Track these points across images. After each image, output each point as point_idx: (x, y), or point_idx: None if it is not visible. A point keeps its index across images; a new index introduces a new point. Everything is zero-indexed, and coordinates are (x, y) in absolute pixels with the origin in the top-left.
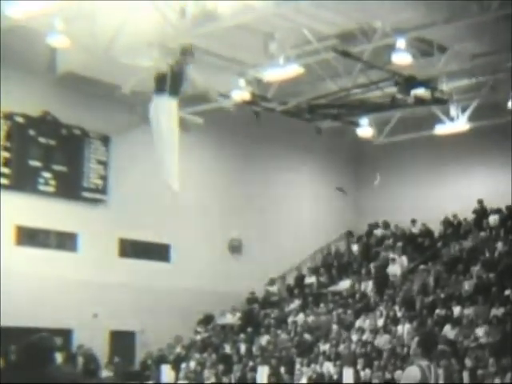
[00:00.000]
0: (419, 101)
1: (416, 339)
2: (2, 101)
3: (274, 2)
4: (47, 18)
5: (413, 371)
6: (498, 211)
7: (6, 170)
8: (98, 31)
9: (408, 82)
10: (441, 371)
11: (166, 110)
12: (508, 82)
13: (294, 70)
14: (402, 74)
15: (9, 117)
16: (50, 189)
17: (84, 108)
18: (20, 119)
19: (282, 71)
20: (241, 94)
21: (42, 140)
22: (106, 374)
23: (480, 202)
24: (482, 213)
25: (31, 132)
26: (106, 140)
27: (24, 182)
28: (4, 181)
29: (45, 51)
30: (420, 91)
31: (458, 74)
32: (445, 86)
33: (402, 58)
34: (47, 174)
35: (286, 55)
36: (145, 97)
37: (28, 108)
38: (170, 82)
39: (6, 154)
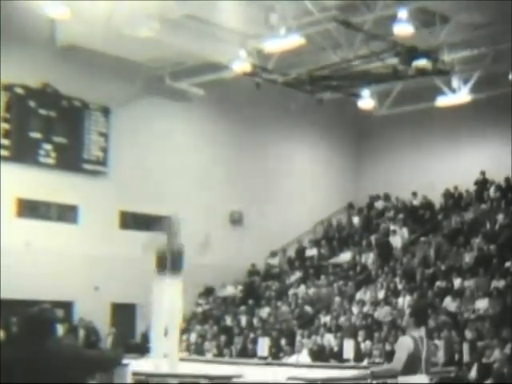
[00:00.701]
0: (421, 72)
1: (408, 310)
2: (1, 72)
3: None
4: None
5: (406, 341)
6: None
7: (5, 142)
8: (97, 2)
9: (409, 52)
10: (441, 342)
11: (169, 290)
12: (510, 54)
13: (295, 40)
14: (403, 44)
15: (9, 88)
16: (51, 161)
17: (84, 79)
18: (20, 90)
19: (282, 42)
20: (241, 65)
21: (42, 111)
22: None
23: (483, 173)
24: (483, 184)
25: (31, 103)
26: (106, 112)
27: (24, 153)
28: (4, 152)
29: (45, 22)
30: (422, 62)
31: (459, 45)
32: (446, 57)
33: (403, 28)
34: (47, 146)
35: (287, 26)
36: (145, 68)
37: (28, 79)
38: (170, 262)
39: (5, 126)
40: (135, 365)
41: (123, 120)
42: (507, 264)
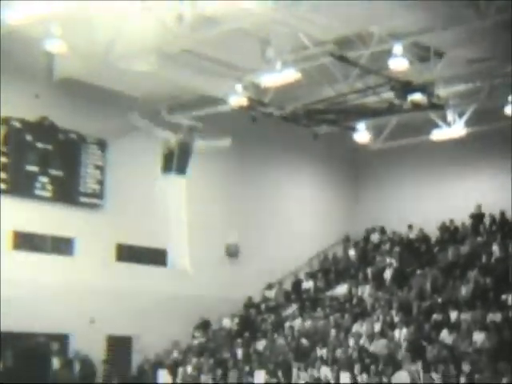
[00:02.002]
0: (416, 106)
1: (405, 344)
2: None
3: (271, 7)
4: (45, 23)
5: (402, 376)
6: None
7: (2, 175)
8: (95, 37)
9: (405, 87)
10: (438, 376)
11: (173, 188)
12: (505, 88)
13: (291, 75)
14: (398, 79)
15: (6, 121)
16: (47, 193)
17: (81, 113)
18: (17, 124)
19: (279, 76)
20: (238, 99)
21: (39, 145)
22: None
23: (478, 207)
24: (479, 218)
25: (28, 137)
26: (102, 145)
27: (21, 186)
28: (1, 186)
29: (42, 57)
30: (417, 96)
31: (454, 80)
32: (441, 92)
33: (398, 63)
34: (44, 179)
35: (283, 60)
36: (142, 102)
37: (25, 113)
38: (176, 161)
39: (3, 159)
40: None
41: (120, 153)
42: (503, 297)
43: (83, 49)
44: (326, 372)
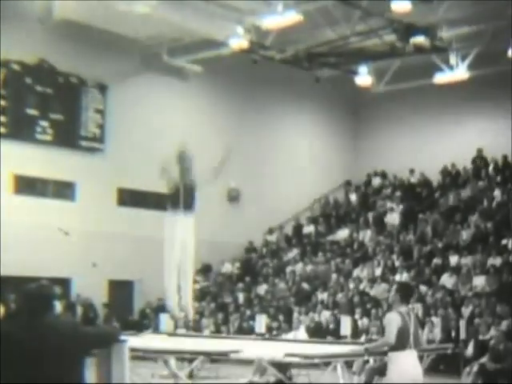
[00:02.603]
0: (418, 49)
1: (394, 288)
2: None
3: None
4: None
5: (393, 316)
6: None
7: (2, 119)
8: None
9: (407, 29)
10: (438, 319)
11: (182, 226)
12: (508, 30)
13: (292, 17)
14: (401, 21)
15: (5, 64)
16: (48, 137)
17: (81, 56)
18: (16, 67)
19: (280, 18)
20: (239, 41)
21: (38, 88)
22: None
23: (479, 151)
24: (480, 162)
25: (28, 80)
26: (103, 88)
27: (21, 130)
28: (1, 129)
29: None
30: (419, 39)
31: (457, 22)
32: (444, 34)
33: (401, 5)
34: (44, 123)
35: (285, 2)
36: (143, 45)
37: (24, 56)
38: (183, 198)
39: (2, 102)
40: (133, 341)
41: (120, 97)
42: (504, 241)
43: None
44: (326, 316)
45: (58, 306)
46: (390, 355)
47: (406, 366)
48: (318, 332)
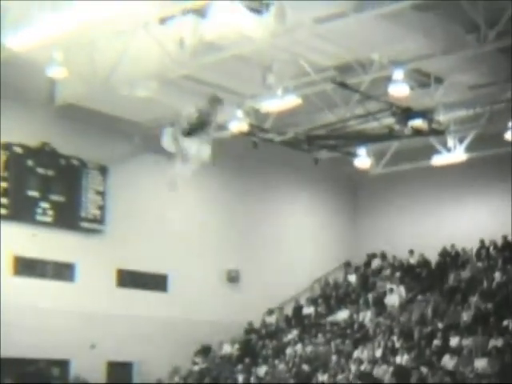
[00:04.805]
0: (416, 132)
1: (390, 371)
2: (0, 131)
3: (272, 33)
4: (46, 49)
5: None
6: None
7: (4, 200)
8: (96, 62)
9: (405, 113)
10: None
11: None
12: (505, 113)
13: (291, 100)
14: (399, 105)
15: (7, 147)
16: (48, 219)
17: (82, 138)
18: (18, 149)
19: (279, 102)
20: (239, 124)
21: (40, 170)
22: None
23: (481, 241)
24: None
25: (29, 162)
26: (103, 170)
27: (22, 212)
28: (2, 211)
29: (44, 82)
30: (417, 122)
31: (455, 105)
32: (442, 117)
33: (399, 89)
34: (45, 204)
35: (284, 86)
36: (143, 127)
37: (26, 138)
38: (197, 126)
39: (4, 184)
40: None
41: (121, 178)
42: (505, 322)
43: (85, 74)
44: None
45: None
46: None
47: None
48: None
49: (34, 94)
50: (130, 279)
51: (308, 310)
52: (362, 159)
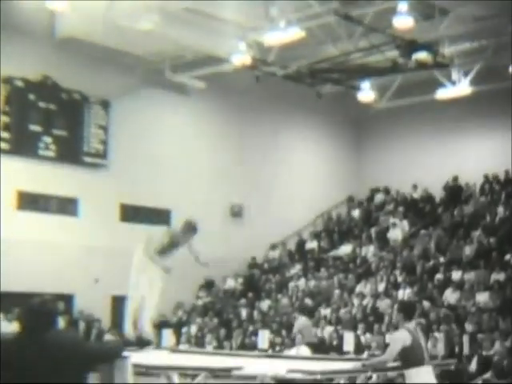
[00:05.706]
0: (421, 65)
1: (396, 306)
2: (1, 65)
3: None
4: None
5: (399, 334)
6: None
7: (5, 135)
8: None
9: (409, 45)
10: (441, 335)
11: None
12: (510, 46)
13: (294, 33)
14: (403, 37)
15: (8, 81)
16: (51, 153)
17: (84, 72)
18: (19, 83)
19: (282, 35)
20: (241, 58)
21: (41, 104)
22: (108, 337)
23: (485, 176)
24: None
25: (31, 96)
26: (105, 104)
27: (24, 146)
28: (4, 145)
29: (44, 15)
30: (421, 55)
31: (460, 38)
32: (446, 50)
33: (403, 21)
34: (47, 139)
35: (287, 19)
36: (145, 61)
37: (27, 72)
38: (169, 248)
39: (5, 119)
40: (135, 357)
41: (123, 113)
42: (507, 257)
43: (85, 7)
44: (329, 332)
45: (61, 322)
46: (408, 372)
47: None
48: (320, 348)
49: (34, 27)
50: (133, 214)
51: (311, 245)
52: (366, 93)
